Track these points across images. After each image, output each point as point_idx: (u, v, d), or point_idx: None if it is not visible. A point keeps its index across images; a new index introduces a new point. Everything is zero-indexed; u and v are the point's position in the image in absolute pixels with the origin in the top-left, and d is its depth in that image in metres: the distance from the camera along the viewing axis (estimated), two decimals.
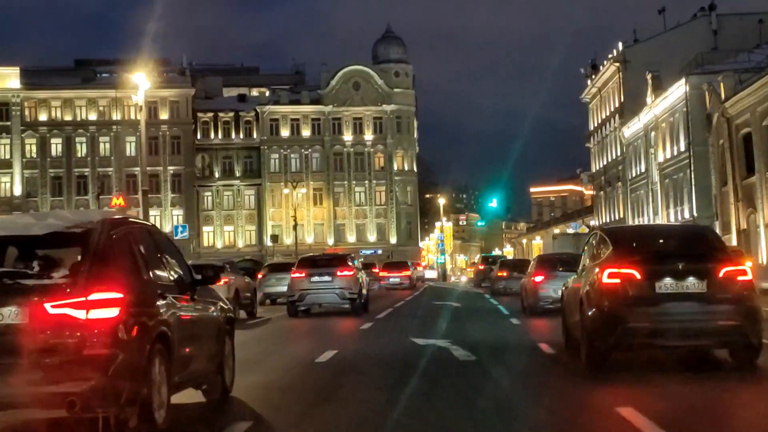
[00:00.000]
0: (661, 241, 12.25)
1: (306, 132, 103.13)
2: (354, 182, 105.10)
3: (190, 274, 8.50)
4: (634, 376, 10.52)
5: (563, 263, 23.01)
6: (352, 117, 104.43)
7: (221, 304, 9.42)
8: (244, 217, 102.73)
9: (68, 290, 6.54)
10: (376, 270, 56.45)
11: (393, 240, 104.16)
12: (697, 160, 56.61)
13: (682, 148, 59.65)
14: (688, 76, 56.65)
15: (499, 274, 39.45)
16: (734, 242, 44.98)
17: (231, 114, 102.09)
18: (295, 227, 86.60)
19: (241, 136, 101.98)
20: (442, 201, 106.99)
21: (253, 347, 14.59)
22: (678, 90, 58.70)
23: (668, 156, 63.47)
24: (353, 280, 25.60)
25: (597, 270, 10.89)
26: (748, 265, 11.36)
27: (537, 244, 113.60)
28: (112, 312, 6.54)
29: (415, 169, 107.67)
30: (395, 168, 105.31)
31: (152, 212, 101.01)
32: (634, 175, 74.58)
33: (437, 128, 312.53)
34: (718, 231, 36.13)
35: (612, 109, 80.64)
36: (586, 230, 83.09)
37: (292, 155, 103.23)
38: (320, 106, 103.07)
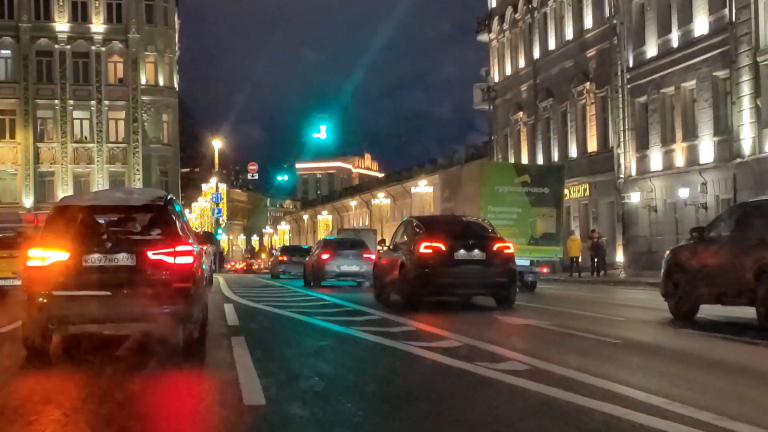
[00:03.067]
0: (456, 227, 17.97)
1: None
2: (72, 103, 62.56)
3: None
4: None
5: (343, 245, 29.87)
6: None
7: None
8: None
9: (162, 243, 9.53)
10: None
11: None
12: None
13: None
14: None
15: (280, 258, 42.02)
16: None
17: None
18: None
19: None
20: (217, 144, 66.34)
21: None
22: None
23: None
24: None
25: (415, 244, 16.73)
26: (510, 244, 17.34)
27: (324, 219, 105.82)
28: (189, 259, 9.60)
29: (175, 85, 65.96)
30: (143, 81, 63.47)
31: None
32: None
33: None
34: None
35: None
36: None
37: None
38: None
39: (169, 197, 10.49)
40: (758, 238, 12.28)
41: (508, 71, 52.16)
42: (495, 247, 16.56)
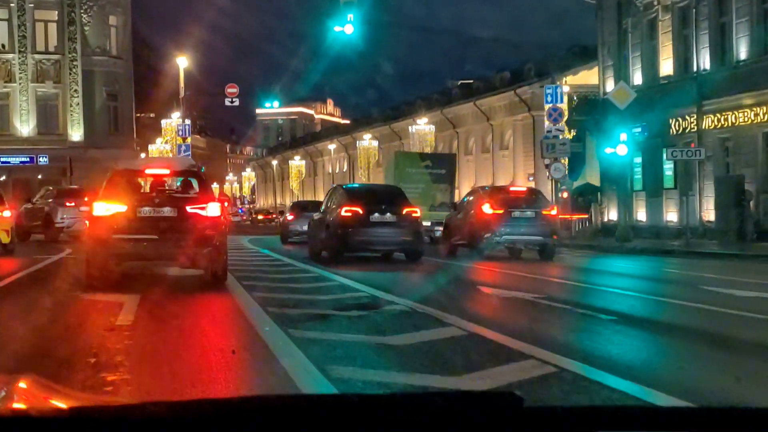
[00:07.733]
0: (373, 194, 21.97)
1: None
2: None
3: None
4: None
5: (308, 208, 32.26)
6: None
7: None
8: None
9: (196, 200, 13.27)
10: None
11: (76, 134, 45.57)
12: None
13: None
14: None
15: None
16: None
17: None
18: None
19: None
20: (183, 62, 49.45)
21: None
22: None
23: None
24: None
25: (338, 208, 20.02)
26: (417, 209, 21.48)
27: (296, 165, 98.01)
28: (217, 212, 13.19)
29: None
30: None
31: None
32: None
33: None
34: None
35: None
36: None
37: None
38: None
39: (199, 164, 16.48)
40: (465, 211, 22.51)
41: None
42: (404, 211, 20.15)
